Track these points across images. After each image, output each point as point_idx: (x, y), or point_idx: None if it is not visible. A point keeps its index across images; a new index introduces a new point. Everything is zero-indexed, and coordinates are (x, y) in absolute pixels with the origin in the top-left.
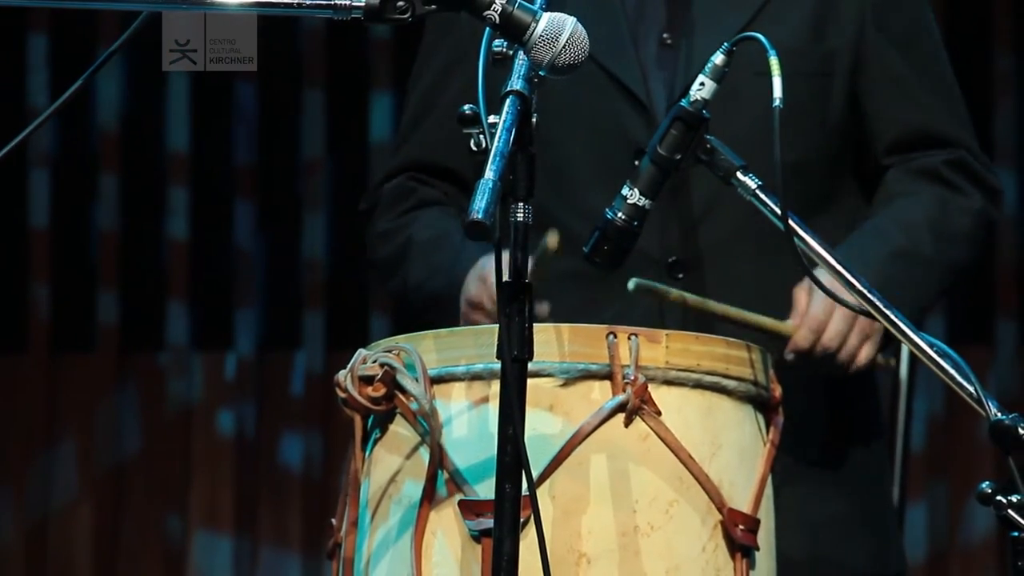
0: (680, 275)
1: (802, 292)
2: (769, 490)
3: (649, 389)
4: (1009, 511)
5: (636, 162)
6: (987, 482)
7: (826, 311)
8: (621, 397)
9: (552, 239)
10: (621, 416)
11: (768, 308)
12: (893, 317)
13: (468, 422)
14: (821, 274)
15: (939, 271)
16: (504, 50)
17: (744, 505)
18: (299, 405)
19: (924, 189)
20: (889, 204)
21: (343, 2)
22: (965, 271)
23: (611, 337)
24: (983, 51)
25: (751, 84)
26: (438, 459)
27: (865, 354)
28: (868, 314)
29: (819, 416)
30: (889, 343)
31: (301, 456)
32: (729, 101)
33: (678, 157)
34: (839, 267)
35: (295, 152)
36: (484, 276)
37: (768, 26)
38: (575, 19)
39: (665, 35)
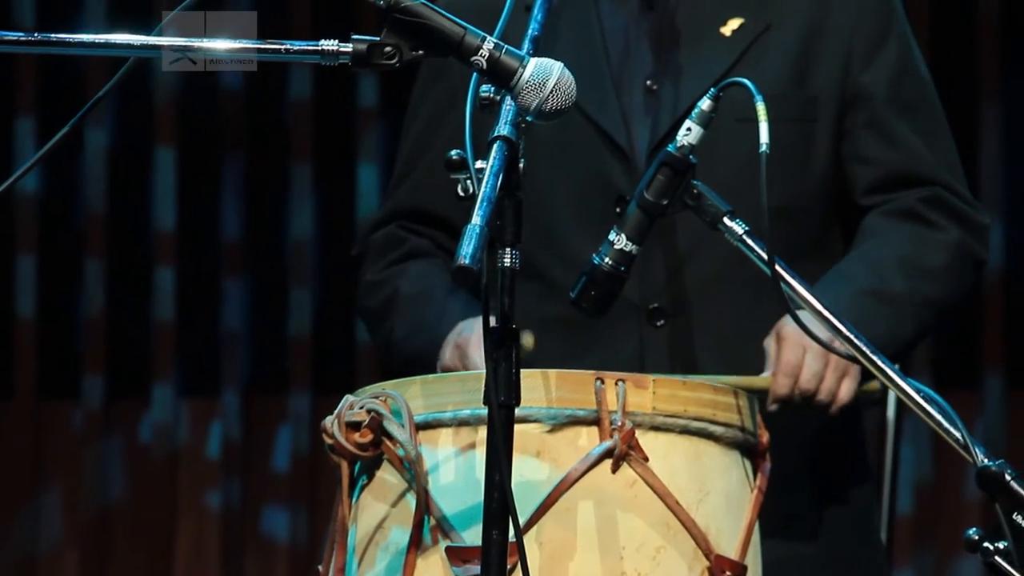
0: (660, 322)
1: (772, 342)
2: (756, 536)
3: (636, 435)
4: (996, 558)
5: (617, 209)
6: (974, 528)
7: (797, 355)
8: (608, 443)
9: (527, 339)
10: (608, 462)
11: (748, 355)
12: (880, 363)
13: (455, 468)
14: (806, 317)
15: (914, 308)
16: (491, 95)
17: (731, 551)
18: (284, 481)
19: (897, 228)
20: (860, 246)
21: (331, 48)
22: (947, 307)
23: (598, 383)
24: (969, 98)
25: (732, 131)
26: (425, 505)
27: (845, 390)
28: (855, 360)
29: (807, 462)
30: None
31: (287, 531)
32: (710, 148)
33: (665, 202)
34: (825, 312)
35: (283, 228)
36: (460, 344)
37: (750, 72)
38: (562, 65)
39: (649, 82)
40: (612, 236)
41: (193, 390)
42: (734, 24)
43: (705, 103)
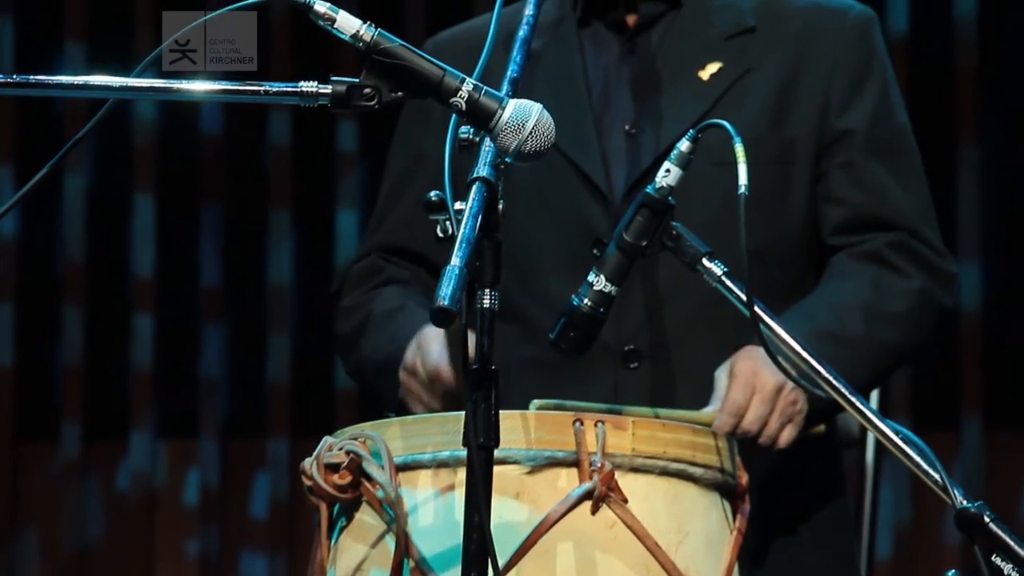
0: (635, 364)
1: (723, 375)
2: None
3: (616, 476)
4: None
5: (595, 252)
6: (953, 571)
7: (745, 395)
8: (588, 484)
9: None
10: (588, 504)
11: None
12: (859, 404)
13: (434, 510)
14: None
15: (871, 353)
16: (471, 136)
17: None
18: (262, 527)
19: (862, 271)
20: (824, 286)
21: (310, 89)
22: (905, 353)
23: (577, 424)
24: (946, 140)
25: (709, 174)
26: (404, 547)
27: (786, 437)
28: (835, 403)
29: (786, 505)
30: (815, 419)
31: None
32: (687, 192)
33: (644, 243)
34: (804, 353)
35: (262, 273)
36: (421, 341)
37: (728, 115)
38: (541, 106)
39: (628, 126)
40: (591, 277)
41: (171, 435)
42: (712, 68)
43: (684, 144)
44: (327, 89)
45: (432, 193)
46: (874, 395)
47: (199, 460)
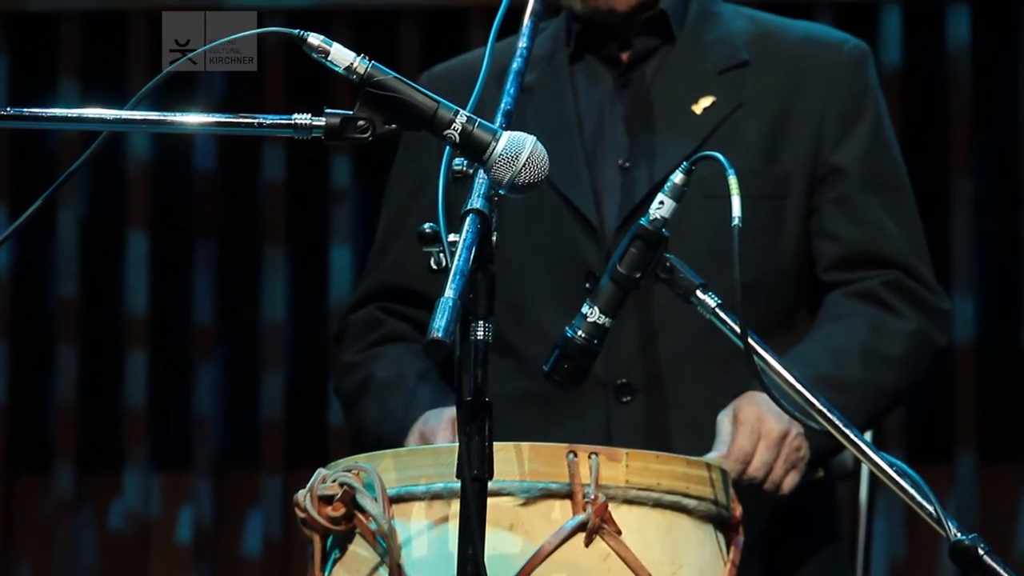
0: (627, 398)
1: (727, 420)
2: None
3: (610, 508)
4: None
5: (587, 285)
6: None
7: (752, 442)
8: (581, 516)
9: None
10: (582, 535)
11: (712, 432)
12: (853, 436)
13: (428, 542)
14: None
15: (869, 397)
16: (464, 168)
17: None
18: (255, 565)
19: (858, 312)
20: (822, 328)
21: (303, 122)
22: (900, 394)
23: (571, 456)
24: (941, 175)
25: (701, 207)
26: None
27: (789, 482)
28: (834, 447)
29: (780, 537)
30: (816, 464)
31: None
32: (679, 225)
33: (638, 275)
34: (799, 386)
35: (255, 310)
36: (425, 433)
37: (721, 150)
38: (535, 138)
39: (622, 160)
40: (585, 309)
41: (165, 472)
42: (706, 102)
43: (677, 176)
44: (321, 122)
45: (426, 225)
46: None
47: (192, 496)
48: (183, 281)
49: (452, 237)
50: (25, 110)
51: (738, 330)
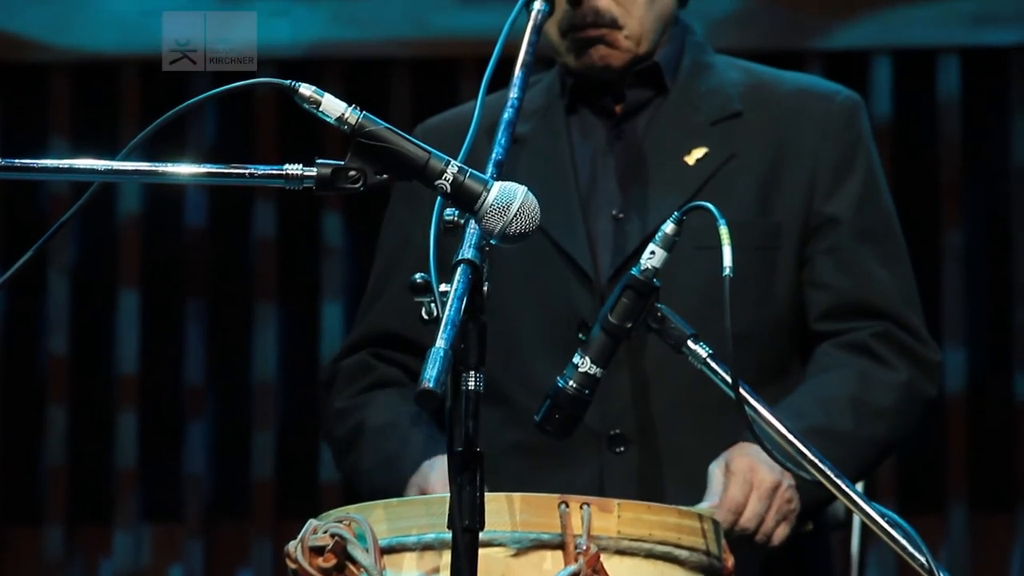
0: (620, 448)
1: (719, 471)
2: None
3: (601, 559)
4: None
5: (580, 335)
6: None
7: (744, 492)
8: (573, 567)
9: None
10: None
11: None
12: (845, 487)
13: None
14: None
15: (859, 448)
16: (456, 219)
17: None
18: None
19: (849, 363)
20: (812, 379)
21: (295, 172)
22: (889, 446)
23: (563, 506)
24: (931, 227)
25: (693, 258)
26: None
27: (780, 534)
28: (825, 499)
29: None
30: (806, 516)
31: None
32: (671, 275)
33: (629, 325)
34: (790, 436)
35: (246, 368)
36: (423, 488)
37: (713, 200)
38: (526, 188)
39: (615, 211)
40: (576, 359)
41: (154, 532)
42: (698, 153)
43: (668, 227)
44: (312, 172)
45: (417, 275)
46: None
47: (183, 553)
48: (174, 338)
49: (443, 287)
50: (16, 161)
51: (729, 380)
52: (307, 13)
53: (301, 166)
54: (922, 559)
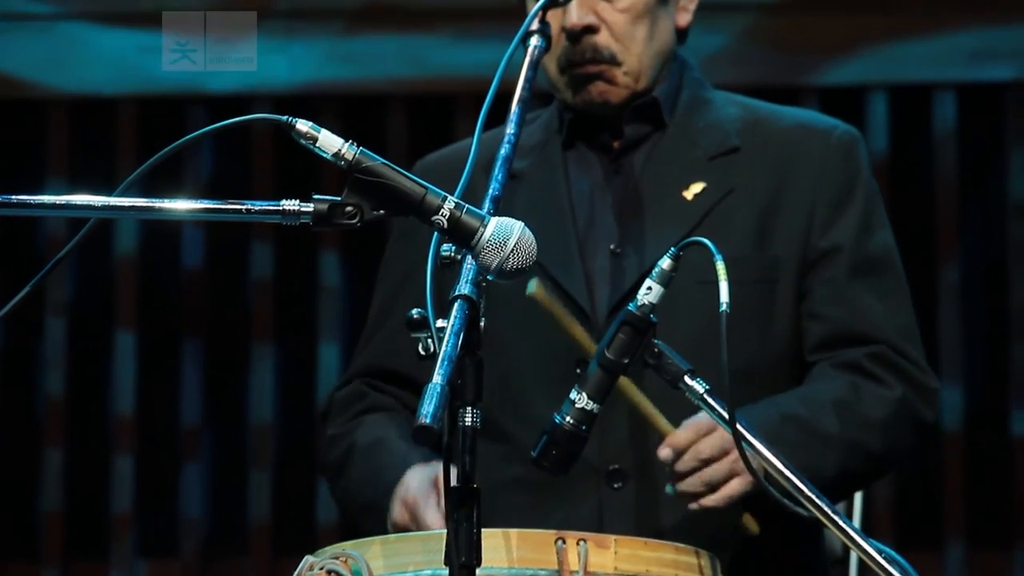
0: (619, 484)
1: (705, 417)
2: None
3: None
4: None
5: (579, 371)
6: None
7: (711, 426)
8: None
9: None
10: None
11: (708, 517)
12: (842, 523)
13: None
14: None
15: (841, 450)
16: (453, 254)
17: None
18: None
19: (840, 376)
20: (800, 388)
21: (292, 208)
22: (881, 460)
23: (560, 543)
24: (928, 262)
25: (693, 292)
26: None
27: (730, 488)
28: (817, 520)
29: None
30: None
31: None
32: (671, 310)
33: (626, 361)
34: (787, 472)
35: (243, 410)
36: (409, 503)
37: (712, 235)
38: (523, 224)
39: (613, 246)
40: (573, 395)
41: (152, 573)
42: (696, 188)
43: (665, 262)
44: (309, 207)
45: (414, 311)
46: (856, 513)
47: None
48: (170, 380)
49: (440, 323)
50: (13, 197)
51: (726, 416)
52: (304, 51)
53: (298, 202)
54: None
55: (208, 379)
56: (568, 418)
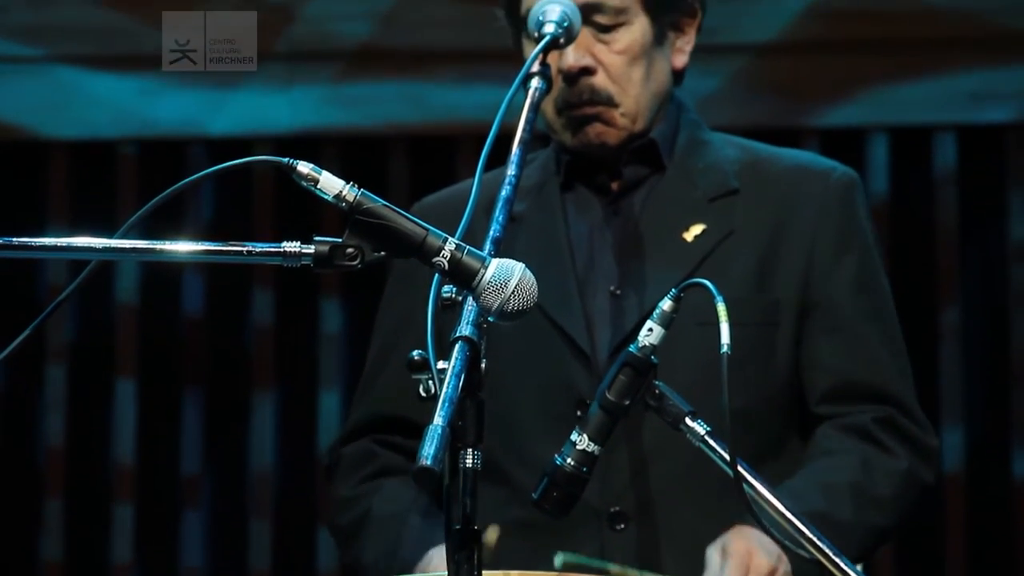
0: (621, 526)
1: (716, 555)
2: None
3: None
4: None
5: (579, 413)
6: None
7: (748, 558)
8: None
9: (491, 535)
10: None
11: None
12: (844, 567)
13: None
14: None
15: (857, 536)
16: (453, 296)
17: None
18: None
19: (851, 448)
20: (814, 463)
21: (292, 250)
22: (887, 533)
23: None
24: (929, 305)
25: (693, 334)
26: None
27: None
28: (818, 563)
29: None
30: None
31: None
32: (671, 351)
33: (627, 403)
34: (789, 515)
35: (243, 459)
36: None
37: (712, 277)
38: (524, 266)
39: (613, 288)
40: (574, 436)
41: None
42: (696, 230)
43: (666, 304)
44: (310, 249)
45: (415, 352)
46: None
47: None
48: (170, 427)
49: (441, 364)
50: (14, 240)
51: (728, 458)
52: (304, 93)
53: (299, 243)
54: None
55: (208, 426)
56: (569, 460)
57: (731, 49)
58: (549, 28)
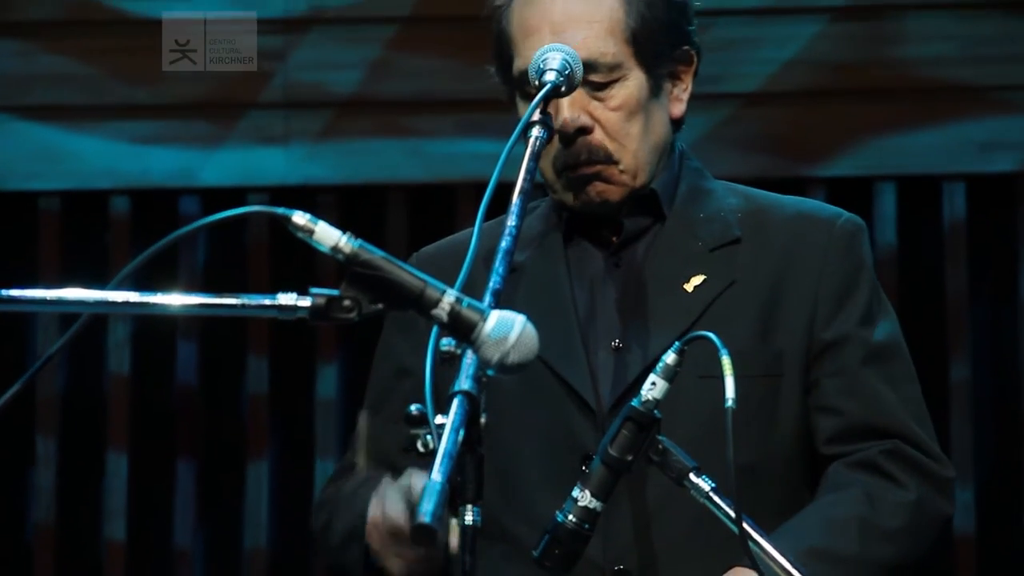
0: None
1: None
2: None
3: None
4: None
5: (584, 467)
6: None
7: None
8: None
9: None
10: None
11: None
12: None
13: None
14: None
15: (863, 571)
16: (452, 349)
17: None
18: None
19: (857, 482)
20: (818, 499)
21: (288, 302)
22: (900, 568)
23: None
24: (938, 356)
25: (696, 387)
26: None
27: None
28: None
29: None
30: None
31: None
32: (674, 405)
33: (629, 458)
34: (795, 572)
35: (238, 532)
36: (381, 497)
37: (714, 328)
38: (524, 318)
39: (616, 341)
40: (576, 493)
41: None
42: (697, 280)
43: (670, 357)
44: (306, 302)
45: (413, 406)
46: None
47: None
48: (163, 501)
49: (439, 419)
50: (4, 292)
51: (732, 515)
52: (300, 142)
53: (295, 295)
54: None
55: (201, 499)
56: (571, 516)
57: (731, 97)
58: (550, 76)
